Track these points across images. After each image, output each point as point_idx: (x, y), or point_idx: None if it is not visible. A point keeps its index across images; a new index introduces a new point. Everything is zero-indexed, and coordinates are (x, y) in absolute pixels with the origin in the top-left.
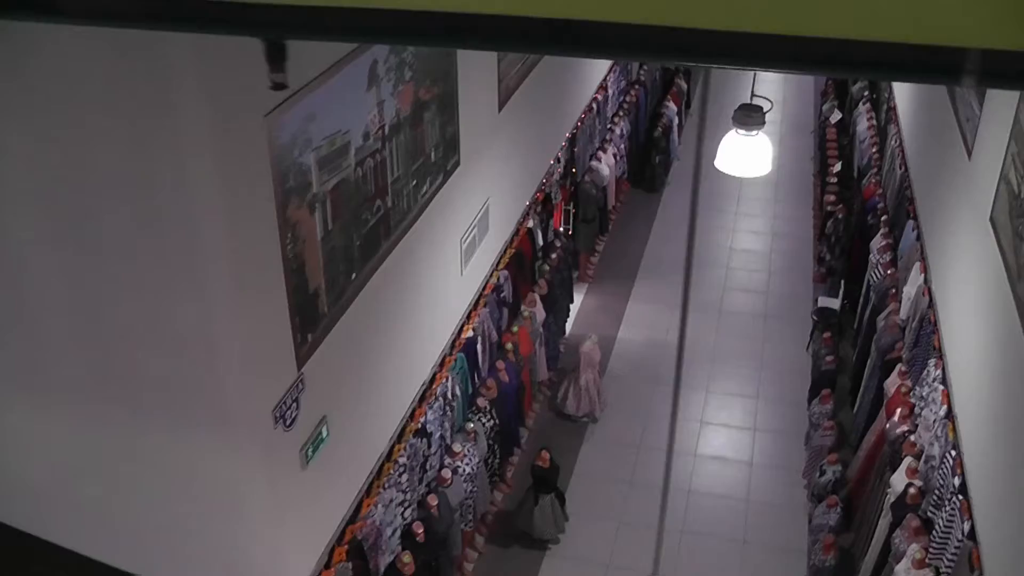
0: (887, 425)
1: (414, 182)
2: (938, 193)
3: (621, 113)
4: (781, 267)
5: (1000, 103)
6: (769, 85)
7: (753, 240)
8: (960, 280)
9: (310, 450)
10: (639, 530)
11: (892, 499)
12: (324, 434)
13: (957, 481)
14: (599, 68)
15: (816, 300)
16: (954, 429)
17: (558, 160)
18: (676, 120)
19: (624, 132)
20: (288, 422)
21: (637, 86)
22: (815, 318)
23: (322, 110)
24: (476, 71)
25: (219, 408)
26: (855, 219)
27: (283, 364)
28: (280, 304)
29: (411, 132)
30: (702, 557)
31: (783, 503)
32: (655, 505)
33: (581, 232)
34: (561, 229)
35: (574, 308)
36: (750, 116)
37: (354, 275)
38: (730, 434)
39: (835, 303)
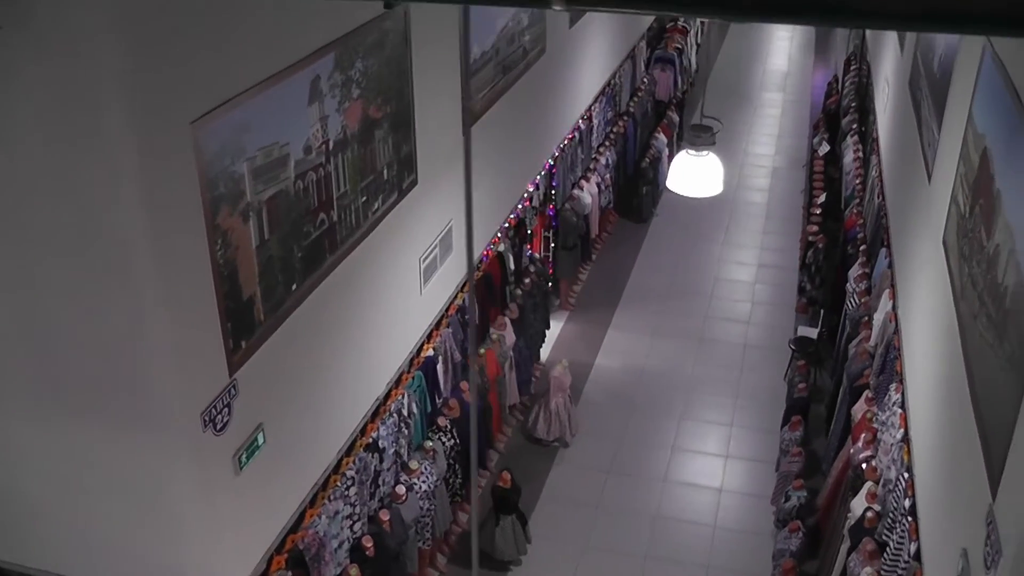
0: (851, 451)
1: (364, 198)
2: (906, 219)
3: (607, 143)
4: (765, 297)
5: (954, 125)
6: (767, 120)
7: (738, 270)
8: (920, 304)
9: (244, 456)
10: (602, 554)
11: (851, 523)
12: (260, 441)
13: (908, 503)
14: (582, 98)
15: (796, 330)
16: (909, 452)
17: (537, 187)
18: (666, 151)
19: (609, 162)
20: (219, 427)
21: (625, 117)
22: (792, 347)
23: (257, 121)
24: (435, 92)
25: (147, 409)
26: (839, 249)
27: (213, 368)
28: (210, 308)
29: (360, 149)
30: None
31: (750, 529)
32: (621, 530)
33: (561, 259)
34: (539, 255)
35: (552, 334)
36: (699, 136)
37: (295, 286)
38: (701, 461)
39: (814, 332)
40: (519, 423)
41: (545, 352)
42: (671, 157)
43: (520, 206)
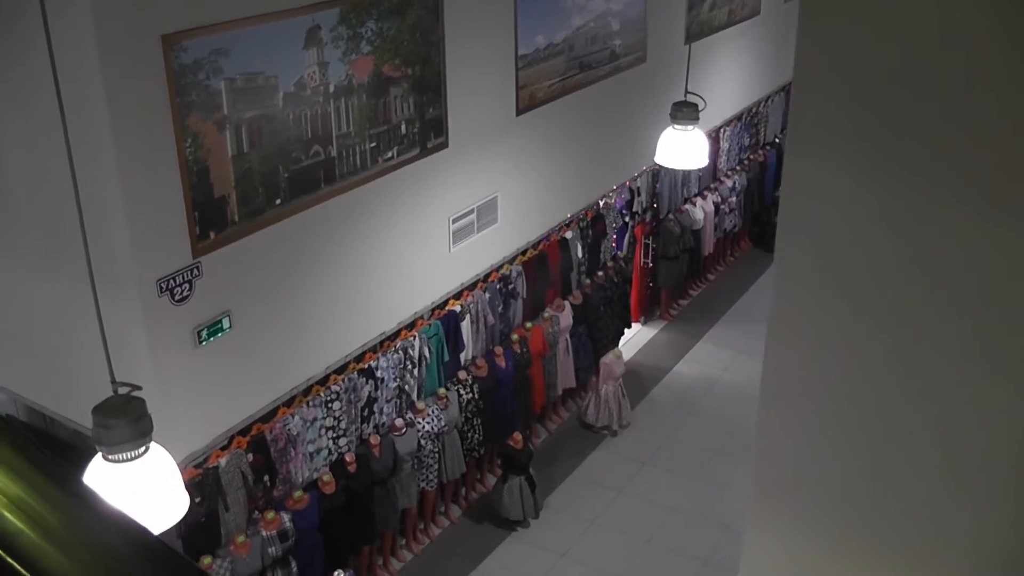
0: None
1: (373, 144)
2: None
3: (739, 168)
4: None
5: None
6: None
7: None
8: None
9: (204, 332)
10: (607, 532)
11: None
12: (225, 326)
13: None
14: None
15: None
16: None
17: (637, 191)
18: None
19: (738, 186)
20: (176, 297)
21: (768, 147)
22: None
23: (239, 49)
24: (479, 70)
25: (109, 267)
26: None
27: (176, 246)
28: (174, 193)
29: (370, 100)
30: (663, 566)
31: None
32: (633, 515)
33: (662, 268)
34: (623, 255)
35: (644, 338)
36: (682, 111)
37: (279, 200)
38: (739, 467)
39: None
40: (578, 408)
41: (630, 352)
42: None
43: (602, 203)
